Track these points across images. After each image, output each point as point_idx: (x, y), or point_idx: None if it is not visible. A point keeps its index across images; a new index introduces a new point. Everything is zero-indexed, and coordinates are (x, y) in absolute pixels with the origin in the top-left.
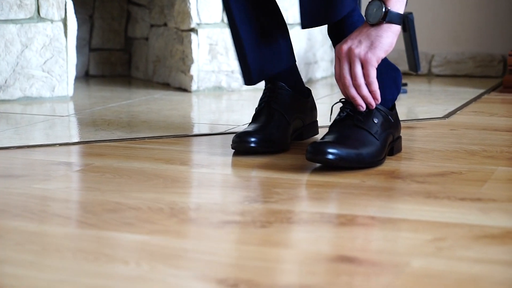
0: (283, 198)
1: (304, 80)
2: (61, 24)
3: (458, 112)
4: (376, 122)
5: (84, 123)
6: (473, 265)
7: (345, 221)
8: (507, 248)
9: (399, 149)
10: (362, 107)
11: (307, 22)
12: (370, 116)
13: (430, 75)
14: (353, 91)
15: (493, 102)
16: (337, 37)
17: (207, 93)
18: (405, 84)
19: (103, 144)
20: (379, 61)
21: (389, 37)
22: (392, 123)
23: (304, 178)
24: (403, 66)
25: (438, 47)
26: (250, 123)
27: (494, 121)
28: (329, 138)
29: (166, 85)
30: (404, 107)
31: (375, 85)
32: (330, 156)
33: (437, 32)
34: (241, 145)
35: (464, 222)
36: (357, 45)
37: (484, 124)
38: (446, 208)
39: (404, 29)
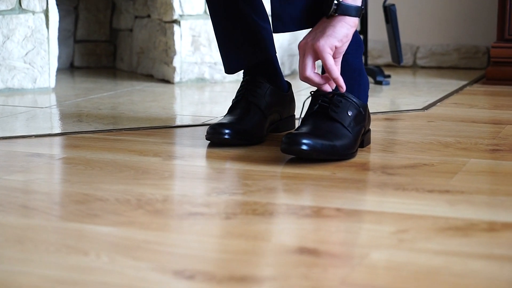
0: (251, 190)
1: (288, 71)
2: (42, 16)
3: (438, 104)
4: (350, 115)
5: (63, 114)
6: (433, 257)
7: (311, 212)
8: (469, 240)
9: (368, 142)
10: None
11: (277, 27)
12: (345, 108)
13: (415, 67)
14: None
15: (474, 94)
16: None
17: (190, 84)
18: (389, 76)
19: (79, 135)
20: (333, 49)
21: (343, 27)
22: (365, 117)
23: (276, 170)
24: (387, 58)
25: (423, 38)
26: (225, 115)
27: (472, 112)
28: (303, 130)
29: (150, 77)
30: (385, 98)
31: (335, 72)
32: (305, 147)
33: (422, 23)
34: (215, 136)
35: (430, 214)
36: (313, 37)
37: (462, 115)
38: (413, 200)
39: (386, 21)
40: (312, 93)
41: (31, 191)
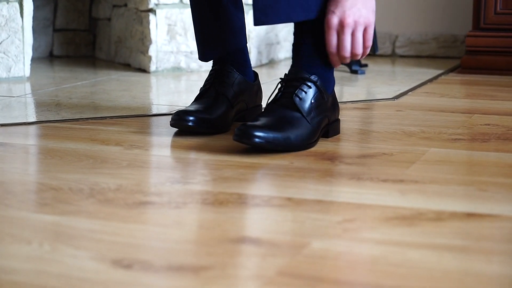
0: (206, 179)
1: (266, 60)
2: (17, 5)
3: (409, 93)
4: (313, 102)
5: (34, 103)
6: (373, 247)
7: (261, 202)
8: (413, 229)
9: (336, 132)
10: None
11: (260, 19)
12: (309, 96)
13: (393, 56)
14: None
15: (448, 83)
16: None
17: (165, 73)
18: (365, 65)
19: (45, 124)
20: None
21: None
22: (328, 107)
23: (234, 159)
24: None
25: (401, 27)
26: (192, 103)
27: (443, 102)
28: (258, 121)
29: (127, 66)
30: (359, 88)
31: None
32: (257, 140)
33: (401, 12)
34: (179, 123)
35: (379, 203)
36: (360, 14)
37: (431, 105)
38: (365, 190)
39: None
40: (282, 78)
41: None
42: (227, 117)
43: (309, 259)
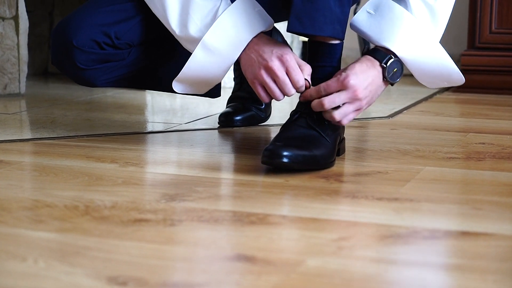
0: (201, 196)
1: None
2: (12, 22)
3: (404, 111)
4: (326, 124)
5: (29, 120)
6: (368, 265)
7: (256, 220)
8: (408, 247)
9: (343, 150)
10: None
11: (294, 26)
12: (322, 117)
13: None
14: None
15: (443, 102)
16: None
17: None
18: None
19: (40, 142)
20: None
21: None
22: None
23: (229, 177)
24: None
25: None
26: None
27: (437, 120)
28: (283, 141)
29: None
30: None
31: None
32: (285, 160)
33: None
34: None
35: (374, 221)
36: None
37: (426, 123)
38: (360, 208)
39: None
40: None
41: None
42: None
43: (304, 277)
